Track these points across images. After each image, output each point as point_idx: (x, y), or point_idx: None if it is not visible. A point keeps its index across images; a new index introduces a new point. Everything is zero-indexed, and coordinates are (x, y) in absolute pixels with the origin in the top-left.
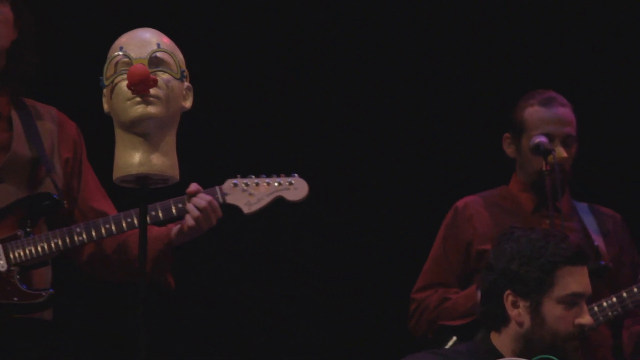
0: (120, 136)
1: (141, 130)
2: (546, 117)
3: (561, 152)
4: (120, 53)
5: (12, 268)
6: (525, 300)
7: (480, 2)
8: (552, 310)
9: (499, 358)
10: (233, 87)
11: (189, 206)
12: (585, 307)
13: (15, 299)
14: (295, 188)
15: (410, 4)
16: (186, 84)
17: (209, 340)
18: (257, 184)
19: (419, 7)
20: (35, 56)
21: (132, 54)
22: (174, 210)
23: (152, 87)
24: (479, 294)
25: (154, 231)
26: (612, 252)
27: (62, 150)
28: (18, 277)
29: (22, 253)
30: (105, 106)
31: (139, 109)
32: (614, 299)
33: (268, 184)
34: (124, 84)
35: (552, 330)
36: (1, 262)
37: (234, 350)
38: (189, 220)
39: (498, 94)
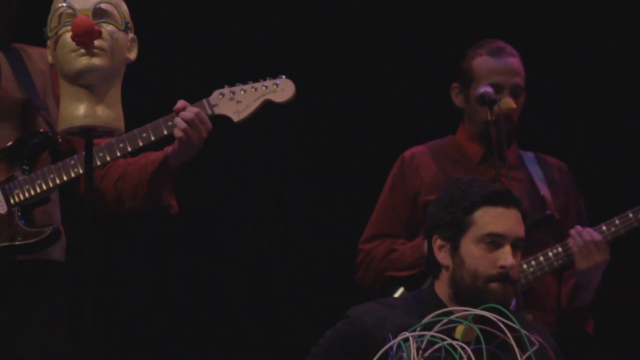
0: (65, 88)
1: (85, 82)
2: (495, 67)
3: (509, 102)
4: (64, 4)
5: (13, 209)
6: (447, 243)
7: None
8: (470, 250)
9: (441, 306)
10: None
11: (177, 120)
12: (507, 249)
13: (19, 239)
14: (282, 89)
15: None
16: (131, 35)
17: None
18: (244, 91)
19: None
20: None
21: (76, 6)
22: (164, 129)
23: (96, 38)
24: (425, 244)
25: (151, 156)
26: (558, 202)
27: (55, 89)
28: (19, 215)
29: (20, 193)
30: (50, 58)
31: (83, 61)
32: (560, 249)
33: (254, 89)
34: (68, 35)
35: (471, 271)
36: (0, 203)
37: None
38: (177, 134)
39: (446, 43)
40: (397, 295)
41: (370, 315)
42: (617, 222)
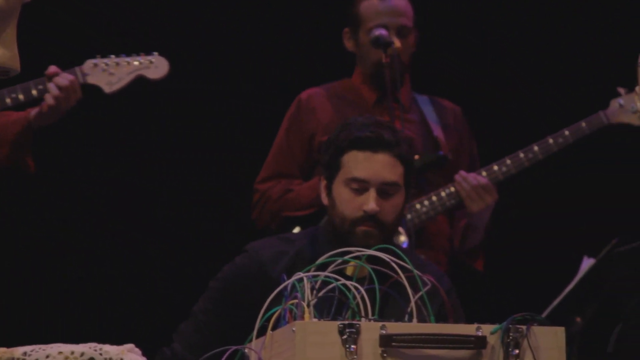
0: None
1: None
2: (380, 9)
3: (395, 42)
4: None
5: None
6: (325, 183)
7: None
8: (340, 192)
9: (332, 243)
10: None
11: (50, 85)
12: (372, 194)
13: None
14: (156, 66)
15: None
16: None
17: None
18: (117, 64)
19: None
20: None
21: None
22: (33, 91)
23: None
24: (320, 184)
25: (12, 115)
26: (451, 144)
27: None
28: None
29: None
30: None
31: None
32: (452, 189)
33: (128, 63)
34: None
35: (340, 212)
36: None
37: None
38: (49, 100)
39: None
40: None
41: (268, 249)
42: (508, 162)
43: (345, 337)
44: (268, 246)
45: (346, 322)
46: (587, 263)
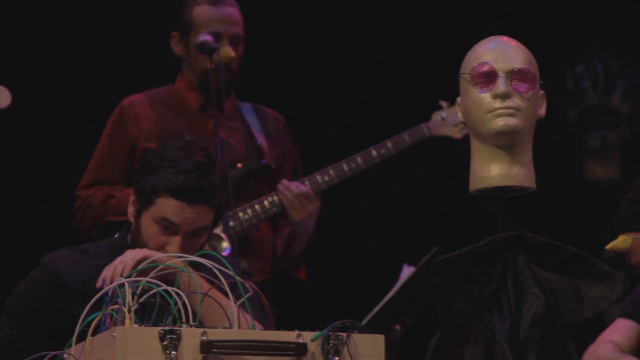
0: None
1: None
2: (214, 16)
3: (229, 51)
4: None
5: None
6: (135, 205)
7: None
8: (147, 224)
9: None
10: None
11: None
12: (178, 240)
13: None
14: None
15: None
16: None
17: None
18: None
19: None
20: None
21: None
22: None
23: None
24: (131, 198)
25: None
26: (275, 152)
27: None
28: None
29: None
30: None
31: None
32: (275, 197)
33: None
34: None
35: (143, 241)
36: None
37: None
38: None
39: None
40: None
41: (62, 259)
42: (331, 172)
43: (166, 343)
44: (63, 257)
45: (167, 328)
46: (407, 271)
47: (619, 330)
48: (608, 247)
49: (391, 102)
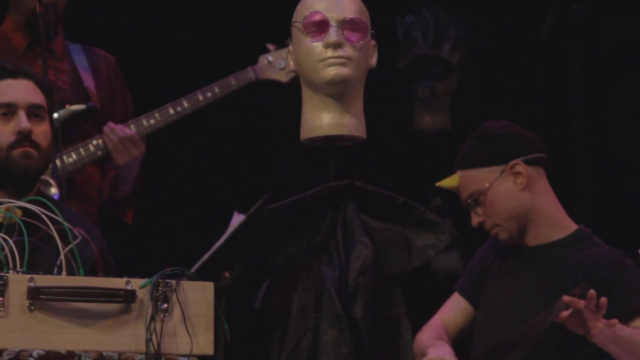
0: None
1: None
2: None
3: None
4: None
5: None
6: None
7: None
8: None
9: None
10: None
11: None
12: (22, 116)
13: None
14: None
15: None
16: None
17: None
18: None
19: None
20: None
21: None
22: None
23: None
24: None
25: None
26: (102, 94)
27: None
28: None
29: None
30: None
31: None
32: (100, 140)
33: None
34: None
35: None
36: None
37: None
38: None
39: None
40: None
41: None
42: (157, 115)
43: None
44: None
45: None
46: (237, 219)
47: (453, 307)
48: (438, 184)
49: (215, 46)
